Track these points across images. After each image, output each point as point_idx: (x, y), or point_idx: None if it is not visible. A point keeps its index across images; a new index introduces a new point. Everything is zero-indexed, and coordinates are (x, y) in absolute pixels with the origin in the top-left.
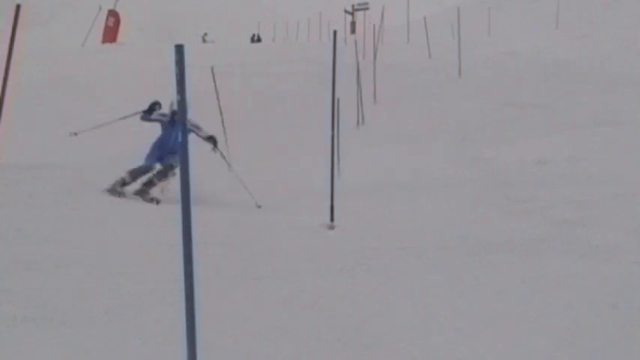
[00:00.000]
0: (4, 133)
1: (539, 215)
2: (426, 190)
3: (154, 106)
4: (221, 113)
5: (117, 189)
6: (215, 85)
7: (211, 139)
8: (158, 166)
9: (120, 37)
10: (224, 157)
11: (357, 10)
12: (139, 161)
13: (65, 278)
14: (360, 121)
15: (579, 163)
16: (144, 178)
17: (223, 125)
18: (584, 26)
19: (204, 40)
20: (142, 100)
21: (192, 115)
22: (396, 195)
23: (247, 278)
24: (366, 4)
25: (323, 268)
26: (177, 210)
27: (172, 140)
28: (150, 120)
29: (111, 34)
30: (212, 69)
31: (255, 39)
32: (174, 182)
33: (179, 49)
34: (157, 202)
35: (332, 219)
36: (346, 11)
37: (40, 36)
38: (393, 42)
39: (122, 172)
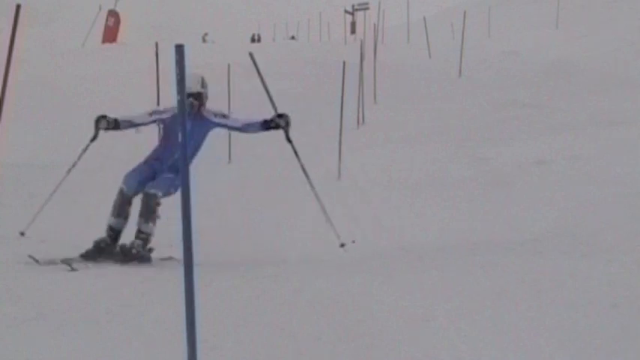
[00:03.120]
0: (4, 133)
1: (539, 215)
2: (426, 190)
3: (99, 124)
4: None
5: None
6: (258, 71)
7: (278, 121)
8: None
9: (120, 37)
10: (298, 158)
11: (357, 10)
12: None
13: (65, 278)
14: (360, 121)
15: (579, 163)
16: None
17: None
18: (584, 26)
19: (204, 40)
20: (142, 100)
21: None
22: (395, 195)
23: (247, 278)
24: (366, 4)
25: (323, 268)
26: (177, 210)
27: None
28: (137, 125)
29: (111, 34)
30: (251, 55)
31: (256, 39)
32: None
33: (179, 49)
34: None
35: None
36: (346, 11)
37: (40, 36)
38: (393, 42)
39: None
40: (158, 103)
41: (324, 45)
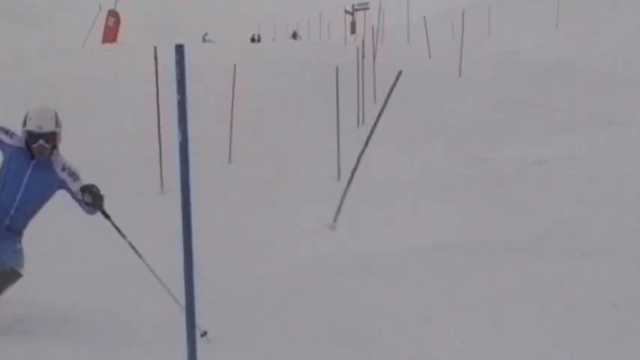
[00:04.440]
0: None
1: (539, 215)
2: (426, 190)
3: None
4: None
5: None
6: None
7: (93, 203)
8: None
9: (120, 37)
10: (123, 236)
11: (357, 10)
12: None
13: (65, 278)
14: (360, 121)
15: (579, 163)
16: None
17: (231, 126)
18: (584, 26)
19: (204, 40)
20: (141, 100)
21: (192, 121)
22: (396, 195)
23: (247, 278)
24: (366, 4)
25: (323, 268)
26: (177, 209)
27: (22, 190)
28: None
29: (111, 34)
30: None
31: (256, 39)
32: None
33: (179, 49)
34: None
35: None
36: (346, 11)
37: (41, 36)
38: (393, 42)
39: None
40: (158, 107)
41: (324, 45)
